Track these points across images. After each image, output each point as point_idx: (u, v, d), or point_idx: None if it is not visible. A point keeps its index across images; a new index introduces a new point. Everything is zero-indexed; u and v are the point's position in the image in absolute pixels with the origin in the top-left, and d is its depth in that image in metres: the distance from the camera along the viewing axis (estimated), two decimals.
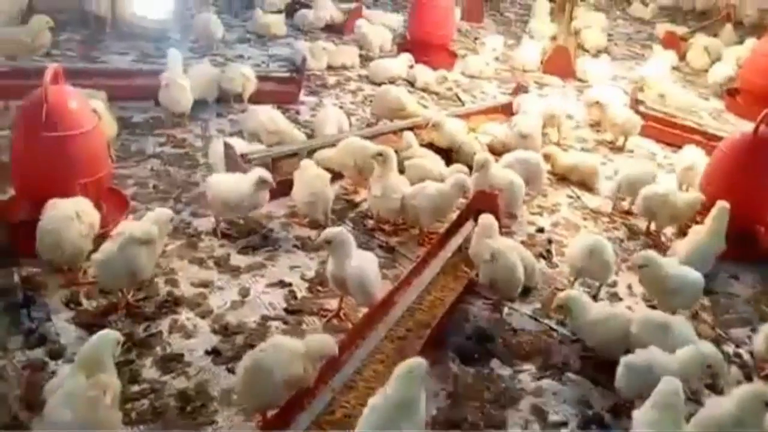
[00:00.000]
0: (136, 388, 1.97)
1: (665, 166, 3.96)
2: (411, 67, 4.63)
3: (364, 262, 2.28)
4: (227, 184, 2.72)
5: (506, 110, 4.14)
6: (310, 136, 3.62)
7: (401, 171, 3.07)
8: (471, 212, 2.87)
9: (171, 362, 2.07)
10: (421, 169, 3.13)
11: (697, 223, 3.02)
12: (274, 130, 3.31)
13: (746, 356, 2.51)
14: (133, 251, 2.18)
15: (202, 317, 2.29)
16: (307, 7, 5.71)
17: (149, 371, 2.04)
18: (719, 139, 3.68)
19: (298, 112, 4.04)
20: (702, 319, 2.69)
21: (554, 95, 4.70)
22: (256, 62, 4.69)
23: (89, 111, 2.56)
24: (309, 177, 2.85)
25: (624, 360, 2.11)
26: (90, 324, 2.14)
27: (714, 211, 2.85)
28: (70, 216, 2.23)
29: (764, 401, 1.88)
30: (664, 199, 3.11)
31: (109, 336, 1.73)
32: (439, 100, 4.52)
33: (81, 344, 1.80)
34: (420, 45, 4.97)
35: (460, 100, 4.53)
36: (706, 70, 5.54)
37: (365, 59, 4.95)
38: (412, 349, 2.18)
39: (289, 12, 5.66)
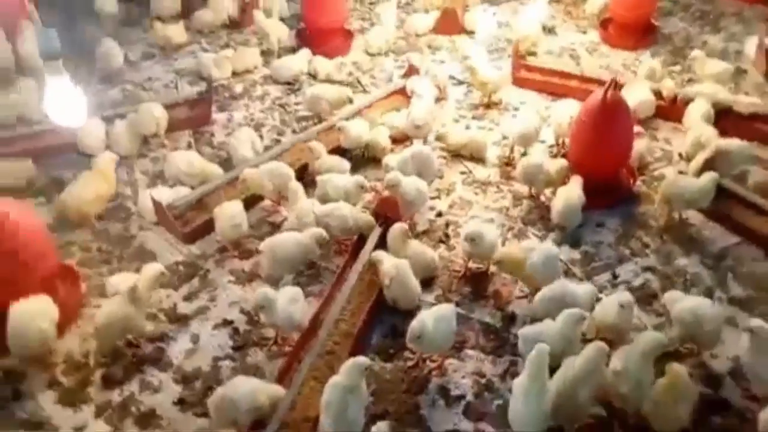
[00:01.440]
0: None
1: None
2: (310, 61, 4.92)
3: (291, 306, 2.79)
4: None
5: (404, 93, 4.50)
6: (227, 159, 4.02)
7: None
8: (378, 218, 3.37)
9: (148, 420, 2.59)
10: (331, 185, 3.54)
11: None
12: (192, 173, 3.68)
13: None
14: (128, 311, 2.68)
15: (164, 371, 2.79)
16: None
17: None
18: (597, 81, 4.30)
19: (212, 135, 4.34)
20: (572, 273, 3.31)
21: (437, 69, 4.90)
22: (164, 82, 4.91)
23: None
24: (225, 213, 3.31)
25: (521, 332, 2.71)
26: (73, 400, 2.63)
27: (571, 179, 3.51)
28: (31, 318, 2.66)
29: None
30: (539, 168, 3.66)
31: None
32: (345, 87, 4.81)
33: (72, 421, 2.29)
34: (316, 32, 5.19)
35: (361, 85, 4.86)
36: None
37: (266, 54, 5.15)
38: (340, 361, 2.72)
39: (185, 13, 5.72)
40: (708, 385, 2.76)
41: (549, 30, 5.58)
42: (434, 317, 2.69)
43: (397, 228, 3.18)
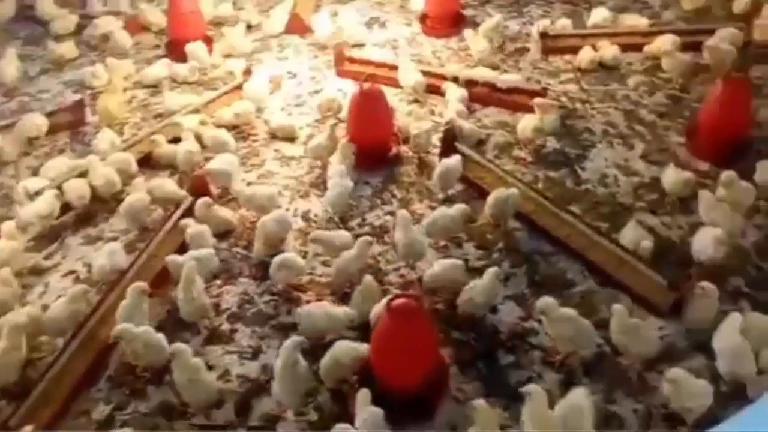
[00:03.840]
0: None
1: None
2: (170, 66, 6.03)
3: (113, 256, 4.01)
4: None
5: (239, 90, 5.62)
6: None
7: None
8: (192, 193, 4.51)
9: None
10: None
11: None
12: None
13: None
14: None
15: None
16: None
17: None
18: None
19: (85, 135, 5.45)
20: (333, 220, 4.49)
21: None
22: (54, 93, 6.02)
23: None
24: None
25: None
26: None
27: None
28: None
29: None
30: (322, 146, 4.81)
31: None
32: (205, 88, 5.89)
33: None
34: (180, 39, 6.26)
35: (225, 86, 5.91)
36: None
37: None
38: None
39: (79, 31, 6.80)
40: None
41: (381, 24, 6.72)
42: None
43: (200, 201, 4.30)
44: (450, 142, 4.73)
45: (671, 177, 4.31)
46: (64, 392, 3.37)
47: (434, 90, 5.48)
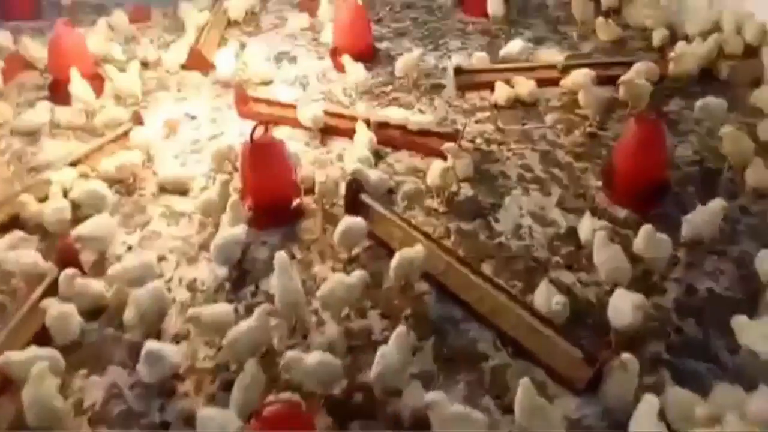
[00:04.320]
0: None
1: None
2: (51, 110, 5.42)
3: None
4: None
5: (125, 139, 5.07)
6: None
7: None
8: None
9: None
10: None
11: None
12: None
13: None
14: None
15: None
16: None
17: None
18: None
19: None
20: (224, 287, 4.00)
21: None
22: None
23: None
24: None
25: None
26: None
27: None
28: None
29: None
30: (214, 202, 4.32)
31: None
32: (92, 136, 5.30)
33: None
34: (64, 79, 5.64)
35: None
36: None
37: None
38: None
39: None
40: None
41: (291, 59, 6.31)
42: None
43: (63, 274, 3.72)
44: (354, 194, 4.33)
45: (587, 227, 4.03)
46: None
47: (342, 132, 5.10)
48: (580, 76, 5.39)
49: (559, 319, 3.48)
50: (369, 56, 6.09)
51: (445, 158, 4.59)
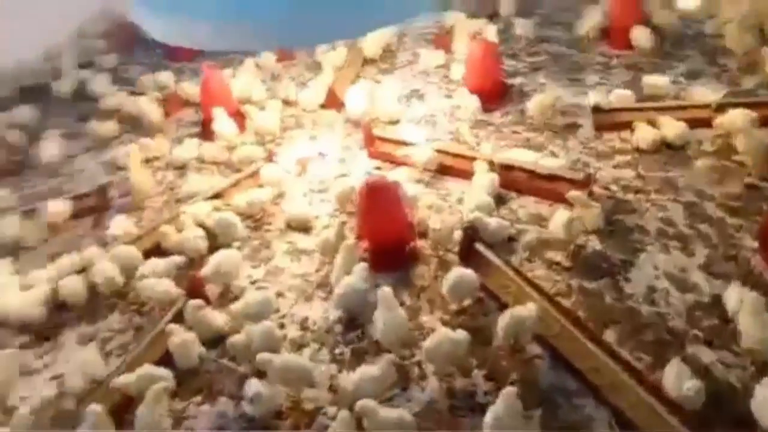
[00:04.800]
0: None
1: None
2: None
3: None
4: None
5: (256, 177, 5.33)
6: None
7: None
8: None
9: None
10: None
11: None
12: None
13: None
14: None
15: None
16: None
17: None
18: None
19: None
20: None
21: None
22: (91, 174, 6.05)
23: None
24: None
25: None
26: None
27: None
28: None
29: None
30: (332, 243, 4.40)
31: None
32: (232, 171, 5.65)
33: None
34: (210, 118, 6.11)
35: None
36: None
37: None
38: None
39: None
40: None
41: (419, 96, 6.30)
42: None
43: (190, 304, 4.00)
44: (470, 242, 4.17)
45: (736, 297, 3.50)
46: None
47: (462, 174, 4.97)
48: (738, 116, 4.76)
49: (690, 405, 3.04)
50: (500, 94, 5.90)
51: (572, 206, 4.29)
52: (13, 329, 4.33)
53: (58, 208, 5.24)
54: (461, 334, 3.47)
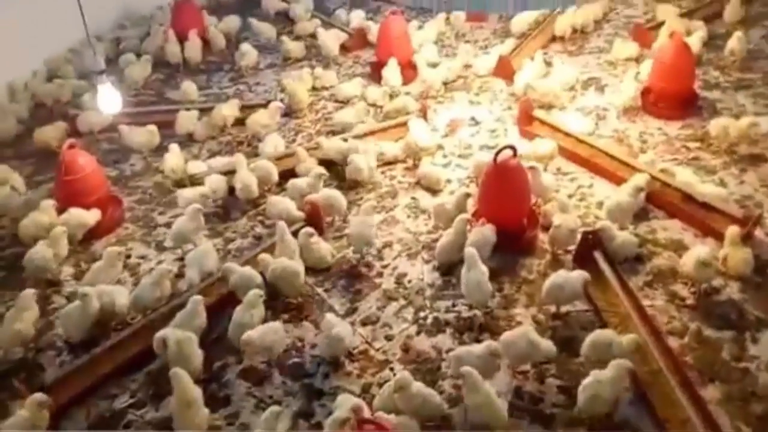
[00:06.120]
0: None
1: None
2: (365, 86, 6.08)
3: None
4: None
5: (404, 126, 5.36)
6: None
7: None
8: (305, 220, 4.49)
9: None
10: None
11: None
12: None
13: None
14: None
15: None
16: None
17: None
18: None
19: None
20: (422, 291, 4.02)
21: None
22: (267, 88, 6.56)
23: None
24: None
25: None
26: None
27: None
28: None
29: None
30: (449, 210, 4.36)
31: None
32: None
33: None
34: (382, 63, 6.24)
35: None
36: None
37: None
38: None
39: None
40: None
41: (599, 87, 5.87)
42: None
43: (302, 232, 4.22)
44: (589, 249, 3.90)
45: None
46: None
47: (611, 176, 4.65)
48: None
49: None
50: (685, 103, 5.30)
51: (721, 242, 3.82)
52: None
53: (224, 112, 5.76)
54: (546, 343, 3.32)
